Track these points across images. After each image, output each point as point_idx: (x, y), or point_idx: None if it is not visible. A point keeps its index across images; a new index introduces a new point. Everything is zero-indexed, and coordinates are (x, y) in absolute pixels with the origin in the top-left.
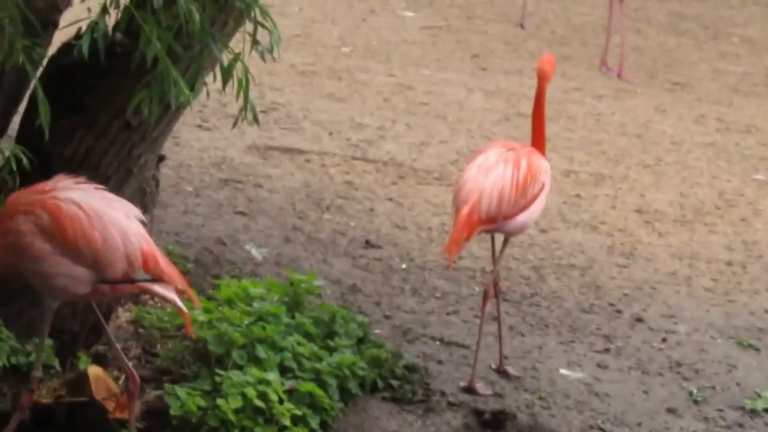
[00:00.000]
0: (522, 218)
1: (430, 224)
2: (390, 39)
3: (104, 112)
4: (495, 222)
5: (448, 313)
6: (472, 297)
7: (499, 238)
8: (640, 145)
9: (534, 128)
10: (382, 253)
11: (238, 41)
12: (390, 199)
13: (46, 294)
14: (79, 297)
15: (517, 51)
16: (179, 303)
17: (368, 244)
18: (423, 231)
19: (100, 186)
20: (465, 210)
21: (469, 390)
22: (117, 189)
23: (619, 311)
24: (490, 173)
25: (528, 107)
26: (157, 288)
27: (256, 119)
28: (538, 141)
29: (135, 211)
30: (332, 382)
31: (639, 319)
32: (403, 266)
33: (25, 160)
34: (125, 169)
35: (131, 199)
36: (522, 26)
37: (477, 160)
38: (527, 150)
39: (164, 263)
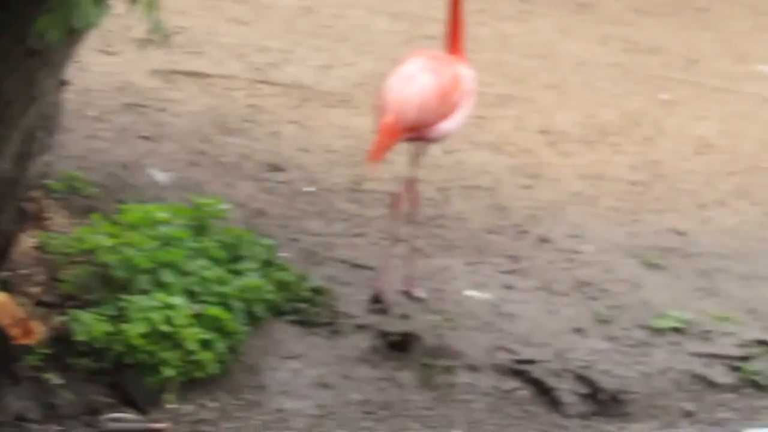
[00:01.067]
0: (446, 126)
1: (335, 147)
2: None
3: (5, 38)
4: (417, 130)
5: (354, 236)
6: (377, 219)
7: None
8: (545, 66)
9: (452, 31)
10: (287, 176)
11: None
12: (295, 122)
13: None
14: None
15: None
16: None
17: (273, 167)
18: (328, 154)
19: None
20: (387, 118)
21: (377, 299)
22: (19, 115)
23: (524, 232)
24: (412, 81)
25: (433, 29)
26: None
27: (164, 40)
28: (456, 46)
29: None
30: (239, 306)
31: (544, 240)
32: (309, 189)
33: None
34: (27, 96)
35: (33, 125)
36: None
37: (399, 69)
38: (450, 58)
39: None
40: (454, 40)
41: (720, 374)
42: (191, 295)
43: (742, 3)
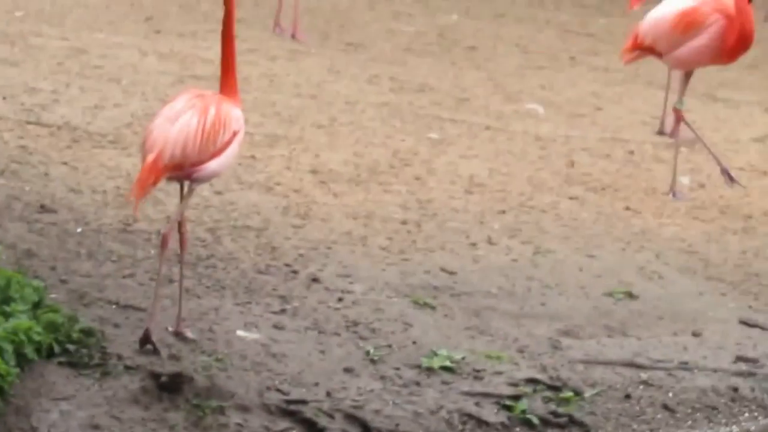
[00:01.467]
0: (212, 165)
1: (105, 187)
2: (64, 3)
3: None
4: (182, 169)
5: (124, 277)
6: (147, 260)
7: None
8: (315, 106)
9: (224, 70)
10: (57, 218)
11: None
12: (65, 163)
13: None
14: None
15: (191, 13)
16: None
17: (43, 208)
18: (98, 194)
19: None
20: (150, 157)
21: (146, 340)
22: None
23: (295, 272)
24: (176, 121)
25: (203, 69)
26: None
27: None
28: (228, 86)
29: None
30: (8, 348)
31: (315, 279)
32: (79, 230)
33: None
34: None
35: None
36: None
37: (165, 108)
38: (217, 97)
39: None
40: (226, 79)
41: (491, 413)
42: None
43: (509, 42)
